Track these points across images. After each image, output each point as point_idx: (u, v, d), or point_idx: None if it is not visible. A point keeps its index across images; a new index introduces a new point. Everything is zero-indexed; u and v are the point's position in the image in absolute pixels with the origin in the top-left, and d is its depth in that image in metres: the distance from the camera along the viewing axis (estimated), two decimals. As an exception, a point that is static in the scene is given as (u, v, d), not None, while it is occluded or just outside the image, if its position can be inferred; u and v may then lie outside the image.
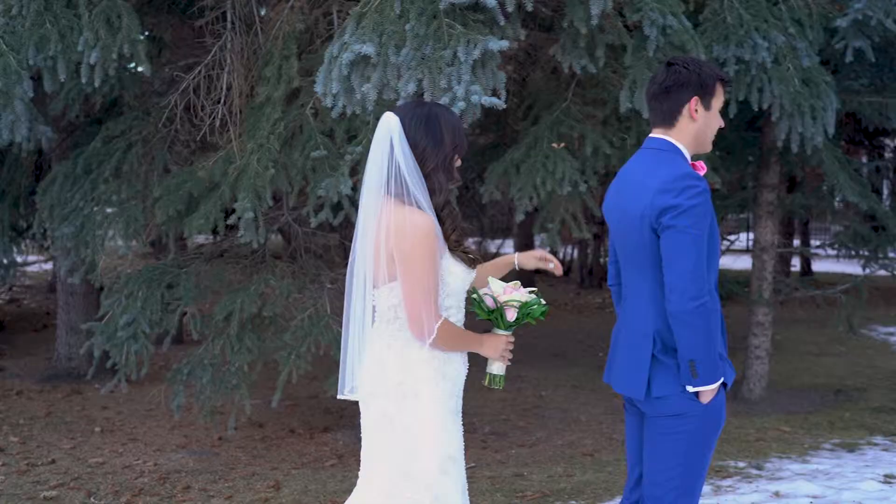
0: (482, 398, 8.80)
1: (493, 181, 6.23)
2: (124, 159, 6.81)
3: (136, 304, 6.55)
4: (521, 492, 6.06)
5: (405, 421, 3.39)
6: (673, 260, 3.33)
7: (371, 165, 3.38)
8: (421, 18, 4.67)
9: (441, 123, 3.36)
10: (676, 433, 3.50)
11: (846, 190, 7.42)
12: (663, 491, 3.55)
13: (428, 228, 3.28)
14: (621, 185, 3.63)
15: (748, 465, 6.49)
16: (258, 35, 6.31)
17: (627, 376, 3.54)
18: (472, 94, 4.47)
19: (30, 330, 12.83)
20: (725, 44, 6.31)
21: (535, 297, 3.59)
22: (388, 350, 3.42)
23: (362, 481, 3.56)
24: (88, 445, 7.39)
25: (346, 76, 4.74)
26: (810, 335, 11.98)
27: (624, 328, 3.62)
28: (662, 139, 3.56)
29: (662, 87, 3.55)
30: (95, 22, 5.45)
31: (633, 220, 3.45)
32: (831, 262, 16.27)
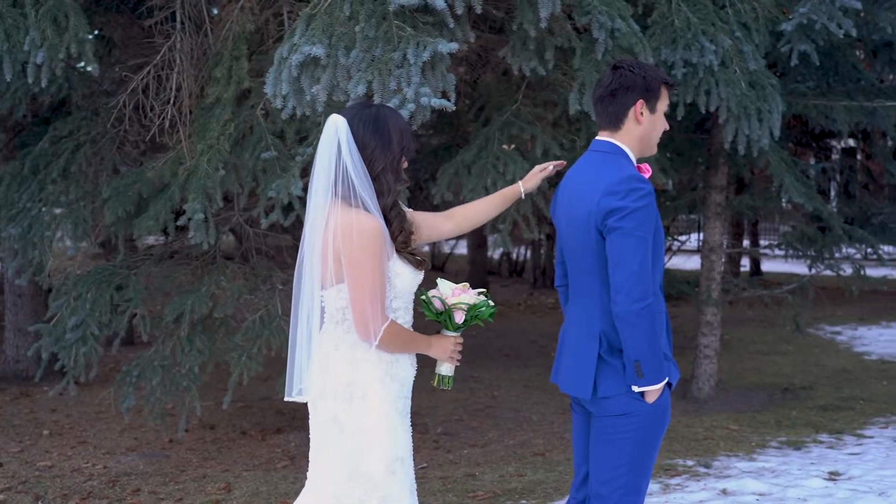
0: (435, 399, 8.83)
1: (444, 182, 6.25)
2: (72, 160, 6.75)
3: (85, 306, 6.50)
4: (472, 492, 6.09)
5: (353, 422, 3.41)
6: (618, 262, 3.37)
7: (318, 167, 3.39)
8: (370, 20, 4.68)
9: (389, 125, 3.38)
10: (622, 433, 3.54)
11: (792, 191, 7.53)
12: (609, 489, 3.59)
13: (374, 231, 3.29)
14: (568, 187, 3.66)
15: (696, 464, 6.57)
16: (208, 35, 6.28)
17: (574, 377, 3.57)
18: (421, 96, 4.49)
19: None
20: (673, 47, 6.38)
21: (484, 298, 3.62)
22: (336, 351, 3.43)
23: (310, 482, 3.56)
24: (37, 449, 7.32)
25: (295, 77, 4.74)
26: (759, 334, 12.14)
27: (570, 329, 3.66)
28: (608, 142, 3.60)
29: (608, 90, 3.59)
30: (42, 21, 5.40)
31: (579, 223, 3.49)
32: (780, 263, 16.51)
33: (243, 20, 6.01)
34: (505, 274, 19.44)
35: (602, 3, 5.49)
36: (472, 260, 15.76)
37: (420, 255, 3.47)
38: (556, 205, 3.74)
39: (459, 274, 16.55)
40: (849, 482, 6.05)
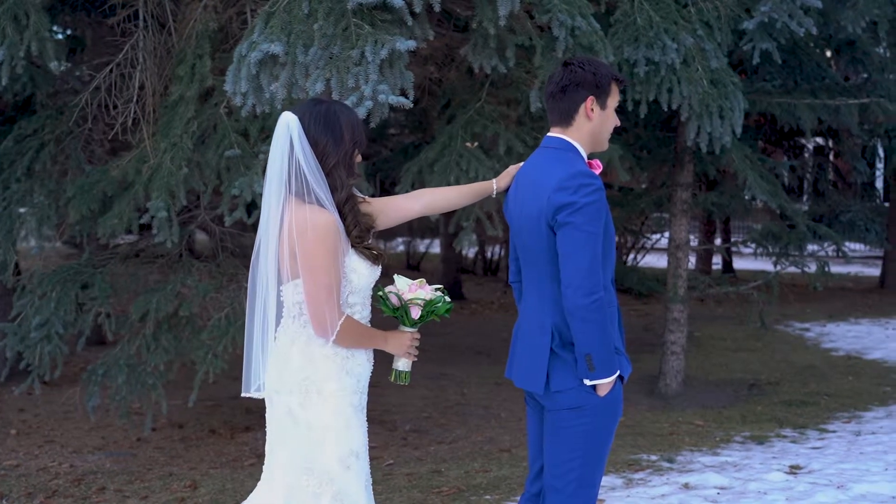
0: (404, 396, 8.85)
1: (408, 180, 6.28)
2: (37, 158, 6.73)
3: (50, 305, 6.49)
4: (437, 487, 6.12)
5: (308, 417, 3.44)
6: (569, 256, 3.40)
7: (272, 165, 3.41)
8: (329, 18, 4.71)
9: (340, 120, 3.40)
10: (575, 426, 3.57)
11: (755, 188, 7.60)
12: (563, 482, 3.62)
13: (328, 226, 3.32)
14: (519, 184, 3.69)
15: (660, 459, 6.62)
16: (172, 34, 6.29)
17: (527, 371, 3.61)
18: (379, 94, 4.51)
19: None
20: (636, 45, 6.43)
21: (440, 294, 3.65)
22: (293, 346, 3.46)
23: (265, 476, 3.59)
24: (3, 448, 7.30)
25: (254, 75, 4.75)
26: (728, 331, 12.22)
27: (523, 324, 3.69)
28: (559, 138, 3.62)
29: (559, 86, 3.61)
30: (2, 19, 5.39)
31: (530, 218, 3.52)
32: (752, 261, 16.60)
33: (206, 18, 6.02)
34: (479, 272, 19.48)
35: (563, 1, 5.53)
36: (444, 258, 15.78)
37: (376, 249, 3.50)
38: (509, 202, 3.77)
39: (434, 273, 16.59)
40: (809, 475, 6.11)
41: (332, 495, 3.44)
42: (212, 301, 6.75)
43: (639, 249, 16.38)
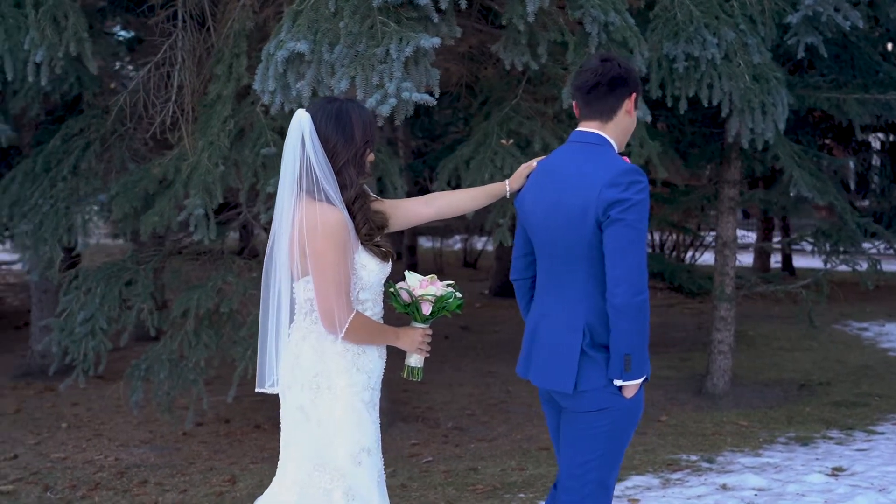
0: (450, 394, 8.87)
1: (444, 177, 6.28)
2: (83, 157, 6.87)
3: (94, 301, 6.61)
4: (472, 485, 6.12)
5: (319, 413, 3.46)
6: (620, 254, 3.35)
7: (285, 162, 3.45)
8: (355, 16, 4.73)
9: (352, 119, 3.42)
10: (597, 427, 3.53)
11: (801, 185, 7.46)
12: (580, 483, 3.59)
13: (338, 223, 3.34)
14: (551, 178, 3.61)
15: (700, 459, 6.55)
16: (211, 33, 6.36)
17: (553, 371, 3.54)
18: (403, 91, 4.52)
19: (10, 328, 12.90)
20: (675, 40, 6.36)
21: (451, 290, 3.64)
22: (304, 342, 3.48)
23: (279, 472, 3.63)
24: (53, 441, 7.45)
25: (281, 73, 4.79)
26: (783, 330, 12.03)
27: (545, 321, 3.62)
28: (596, 133, 3.59)
29: (606, 81, 3.56)
30: (42, 21, 5.51)
31: (571, 214, 3.46)
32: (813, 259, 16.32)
33: (244, 17, 6.08)
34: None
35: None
36: (498, 256, 15.76)
37: (385, 247, 3.52)
38: (528, 198, 3.70)
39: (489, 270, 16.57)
40: (850, 478, 6.00)
41: (344, 491, 3.46)
42: (252, 297, 6.82)
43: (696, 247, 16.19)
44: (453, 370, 9.89)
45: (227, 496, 6.03)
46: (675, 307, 13.60)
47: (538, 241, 3.66)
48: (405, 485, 6.18)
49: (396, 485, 6.17)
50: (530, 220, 3.68)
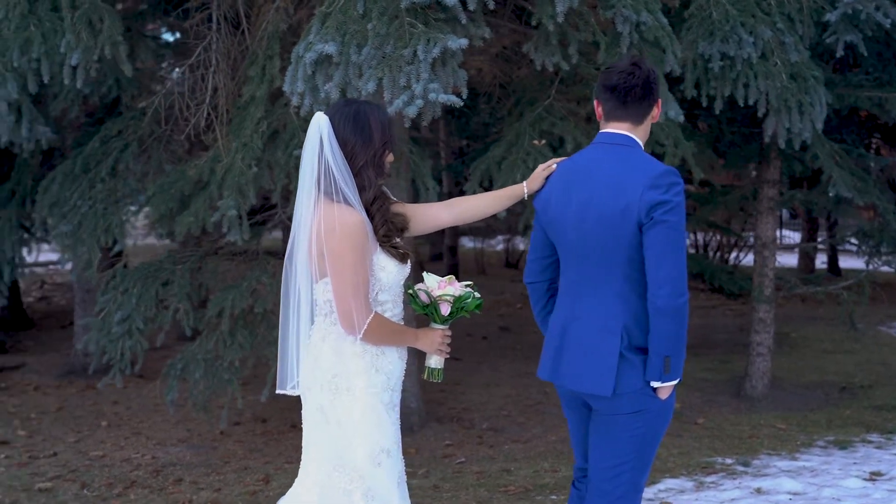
0: (487, 395, 8.86)
1: (476, 178, 6.27)
2: (121, 159, 6.95)
3: (131, 301, 6.69)
4: (504, 486, 6.11)
5: (338, 414, 3.46)
6: (665, 255, 3.36)
7: (304, 164, 3.46)
8: (383, 18, 4.74)
9: (370, 121, 3.43)
10: (633, 429, 3.53)
11: (840, 185, 7.36)
12: (613, 486, 3.58)
13: (356, 225, 3.35)
14: (581, 179, 3.58)
15: (735, 462, 6.48)
16: (245, 36, 6.41)
17: (590, 373, 3.51)
18: (430, 92, 4.52)
19: (56, 327, 13.08)
20: (710, 40, 6.31)
21: (470, 290, 3.64)
22: (323, 343, 3.50)
23: (301, 473, 3.63)
24: (92, 439, 7.55)
25: (310, 75, 4.82)
26: (826, 332, 11.86)
27: (576, 324, 3.58)
28: (628, 135, 3.59)
29: (642, 84, 3.56)
30: (78, 24, 5.58)
31: (608, 215, 3.43)
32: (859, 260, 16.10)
33: (278, 20, 6.12)
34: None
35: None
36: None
37: (403, 248, 3.52)
38: (554, 198, 3.65)
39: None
40: (888, 482, 5.91)
41: (364, 492, 3.46)
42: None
43: (741, 248, 16.02)
44: (491, 371, 9.88)
45: (260, 495, 6.07)
46: (717, 308, 13.48)
47: (566, 242, 3.62)
48: (437, 485, 6.18)
49: (428, 485, 6.17)
50: (556, 222, 3.63)
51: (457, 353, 10.84)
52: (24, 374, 9.98)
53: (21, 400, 8.92)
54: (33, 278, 16.65)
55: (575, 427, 3.86)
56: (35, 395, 9.12)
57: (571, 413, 3.82)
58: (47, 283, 16.44)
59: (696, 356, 10.19)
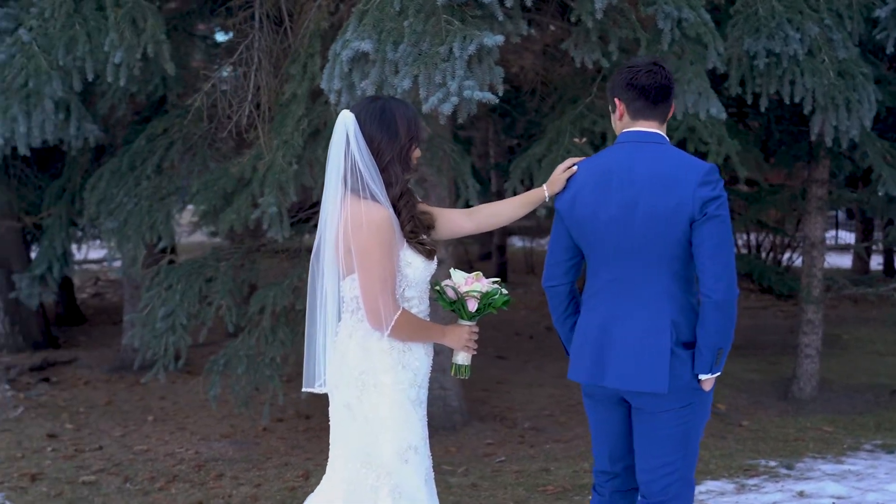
0: (530, 394, 8.82)
1: (516, 176, 6.24)
2: (166, 156, 7.02)
3: (175, 297, 6.75)
4: (543, 486, 6.08)
5: (365, 410, 3.47)
6: (720, 249, 3.42)
7: (330, 161, 3.48)
8: (419, 15, 4.73)
9: (396, 116, 3.44)
10: (682, 424, 3.58)
11: (890, 184, 7.22)
12: (667, 483, 3.64)
13: (383, 220, 3.36)
14: (617, 178, 3.57)
15: (779, 465, 6.39)
16: (288, 34, 6.44)
17: (641, 372, 3.52)
18: (465, 90, 4.50)
19: (108, 323, 13.26)
20: (756, 36, 6.20)
21: (497, 287, 3.63)
22: (350, 340, 3.51)
23: (329, 470, 3.66)
24: (138, 433, 7.64)
25: (347, 73, 4.83)
26: (879, 334, 11.63)
27: (619, 324, 3.57)
28: (660, 134, 3.64)
29: (668, 83, 3.65)
30: (121, 23, 5.64)
31: (658, 213, 3.45)
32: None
33: (319, 18, 6.14)
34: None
35: (669, -8, 5.39)
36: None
37: (430, 244, 3.51)
38: (586, 199, 3.61)
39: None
40: (936, 488, 5.79)
41: (391, 489, 3.46)
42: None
43: (794, 248, 15.79)
44: (535, 370, 9.84)
45: (298, 491, 6.10)
46: (767, 309, 13.30)
47: (601, 243, 3.59)
48: (476, 484, 6.17)
49: (467, 484, 6.16)
50: (587, 222, 3.61)
51: (503, 352, 10.83)
52: (76, 369, 10.12)
53: (71, 394, 9.05)
54: (88, 275, 16.91)
55: (608, 429, 3.82)
56: (85, 390, 9.25)
57: (607, 414, 3.79)
58: (101, 280, 16.69)
59: (744, 357, 10.06)
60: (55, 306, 12.88)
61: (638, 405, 3.62)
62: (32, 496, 6.07)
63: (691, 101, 5.54)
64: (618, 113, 3.67)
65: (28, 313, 10.65)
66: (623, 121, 3.66)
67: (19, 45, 5.77)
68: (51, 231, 8.63)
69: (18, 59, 5.72)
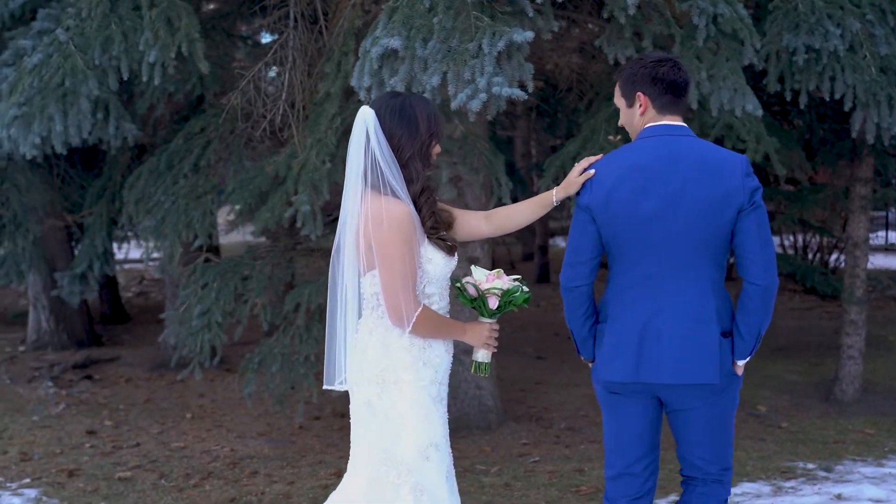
0: (567, 395, 8.76)
1: (550, 175, 6.20)
2: (202, 155, 7.06)
3: (211, 295, 6.79)
4: (576, 486, 6.03)
5: (385, 407, 3.46)
6: (765, 238, 3.51)
7: (350, 157, 3.48)
8: (448, 12, 4.71)
9: (416, 112, 3.42)
10: (727, 411, 3.68)
11: (933, 183, 7.11)
12: (720, 468, 3.75)
13: (403, 216, 3.34)
14: (664, 170, 3.53)
15: (817, 468, 6.29)
16: (322, 33, 6.46)
17: (692, 364, 3.52)
18: (493, 86, 4.48)
19: (152, 321, 13.38)
20: (795, 32, 6.11)
21: (518, 284, 3.59)
22: (371, 336, 3.49)
23: (350, 467, 3.65)
24: (175, 431, 7.69)
25: (376, 70, 4.82)
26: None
27: (663, 317, 3.54)
28: (686, 126, 3.65)
29: (689, 80, 3.68)
30: (156, 22, 5.68)
31: (707, 203, 3.47)
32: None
33: (354, 16, 6.14)
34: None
35: (706, -13, 5.33)
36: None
37: (450, 240, 3.49)
38: (621, 194, 3.55)
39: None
40: (978, 492, 5.67)
41: (412, 486, 3.45)
42: (362, 294, 6.88)
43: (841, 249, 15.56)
44: (572, 371, 9.78)
45: (331, 489, 6.01)
46: (812, 311, 13.10)
47: (641, 237, 3.54)
48: (509, 484, 6.13)
49: (500, 483, 6.13)
50: (628, 218, 3.55)
51: (542, 353, 10.78)
52: (118, 367, 10.23)
53: (112, 391, 9.14)
54: (133, 274, 17.09)
55: (640, 425, 3.75)
56: (126, 387, 9.34)
57: (639, 410, 3.73)
58: (146, 279, 16.86)
59: (788, 358, 9.93)
60: (100, 305, 13.02)
61: (679, 398, 3.60)
62: (69, 491, 6.13)
63: (727, 97, 5.47)
64: (640, 108, 3.63)
65: (72, 312, 10.77)
66: (646, 115, 3.63)
67: (56, 44, 5.84)
68: (92, 230, 8.72)
69: (55, 59, 5.79)
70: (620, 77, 3.72)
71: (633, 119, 3.69)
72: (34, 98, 5.71)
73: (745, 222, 3.46)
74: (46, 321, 10.85)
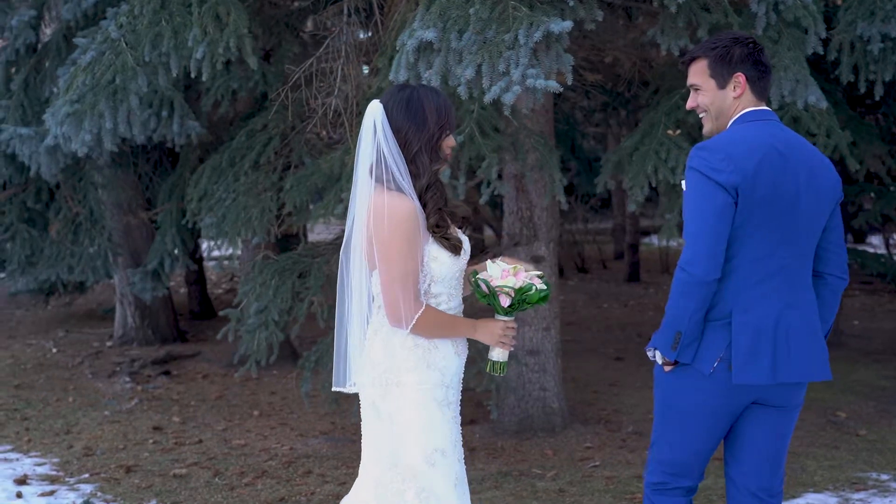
0: (640, 397, 8.51)
1: (607, 171, 6.00)
2: (263, 152, 7.04)
3: (268, 293, 6.76)
4: (631, 493, 5.82)
5: (390, 410, 3.35)
6: (843, 232, 3.46)
7: (360, 152, 3.38)
8: (486, 2, 4.57)
9: (423, 105, 3.30)
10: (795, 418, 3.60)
11: None
12: (782, 473, 3.61)
13: (406, 212, 3.22)
14: (796, 155, 3.35)
15: (891, 479, 5.95)
16: (378, 28, 6.37)
17: (816, 361, 3.42)
18: (528, 78, 4.31)
19: (236, 318, 13.50)
20: (870, 20, 5.80)
21: (530, 282, 3.40)
22: (376, 336, 3.39)
23: (361, 469, 3.54)
24: (239, 428, 7.69)
25: (413, 63, 4.70)
26: None
27: (795, 313, 3.37)
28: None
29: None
30: (204, 18, 5.66)
31: (825, 195, 3.39)
32: None
33: (407, 10, 6.03)
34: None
35: (765, -26, 5.07)
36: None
37: (455, 239, 3.34)
38: (767, 174, 3.28)
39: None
40: None
41: (416, 492, 3.33)
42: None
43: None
44: (649, 373, 9.50)
45: (383, 491, 6.00)
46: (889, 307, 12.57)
47: (780, 225, 3.31)
48: (563, 489, 5.95)
49: (554, 489, 5.96)
50: (771, 204, 3.29)
51: (622, 354, 10.53)
52: (197, 363, 10.33)
53: (186, 388, 9.22)
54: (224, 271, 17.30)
55: (723, 427, 3.53)
56: (201, 384, 9.41)
57: (730, 418, 3.51)
58: (236, 276, 17.06)
59: (879, 363, 9.50)
60: (188, 301, 13.20)
61: (785, 401, 3.48)
62: (123, 487, 6.16)
63: (788, 88, 5.20)
64: (739, 89, 3.40)
65: (157, 308, 10.92)
66: (744, 98, 3.41)
67: (109, 41, 5.87)
68: (163, 227, 8.80)
69: (107, 56, 5.82)
70: (709, 55, 3.42)
71: (724, 101, 3.42)
72: (86, 95, 5.76)
73: (835, 217, 3.41)
74: (132, 317, 11.01)
